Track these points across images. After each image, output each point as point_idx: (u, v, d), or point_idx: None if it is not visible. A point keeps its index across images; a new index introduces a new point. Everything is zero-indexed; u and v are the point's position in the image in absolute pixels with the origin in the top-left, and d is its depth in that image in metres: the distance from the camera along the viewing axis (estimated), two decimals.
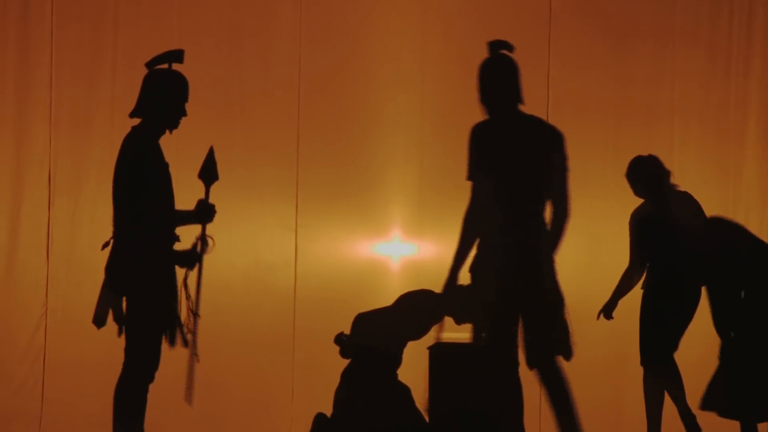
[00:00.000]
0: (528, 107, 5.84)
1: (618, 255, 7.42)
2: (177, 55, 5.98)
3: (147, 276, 5.82)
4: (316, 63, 8.37)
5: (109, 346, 8.19)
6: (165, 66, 5.98)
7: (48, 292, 8.28)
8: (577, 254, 7.71)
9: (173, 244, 5.92)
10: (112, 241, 5.88)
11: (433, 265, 6.53)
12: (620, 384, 8.16)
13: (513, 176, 5.78)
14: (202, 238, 6.01)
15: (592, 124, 8.40)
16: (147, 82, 5.98)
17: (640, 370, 7.15)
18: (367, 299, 6.85)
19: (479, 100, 5.87)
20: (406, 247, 8.32)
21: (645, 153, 7.28)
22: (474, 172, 5.86)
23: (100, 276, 8.34)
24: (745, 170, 8.46)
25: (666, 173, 7.13)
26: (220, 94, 8.18)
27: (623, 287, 7.18)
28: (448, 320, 6.29)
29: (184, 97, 5.97)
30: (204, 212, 5.99)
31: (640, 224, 7.12)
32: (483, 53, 5.87)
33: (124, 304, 5.86)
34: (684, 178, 7.24)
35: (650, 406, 7.12)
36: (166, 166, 5.94)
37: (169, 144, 6.01)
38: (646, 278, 7.15)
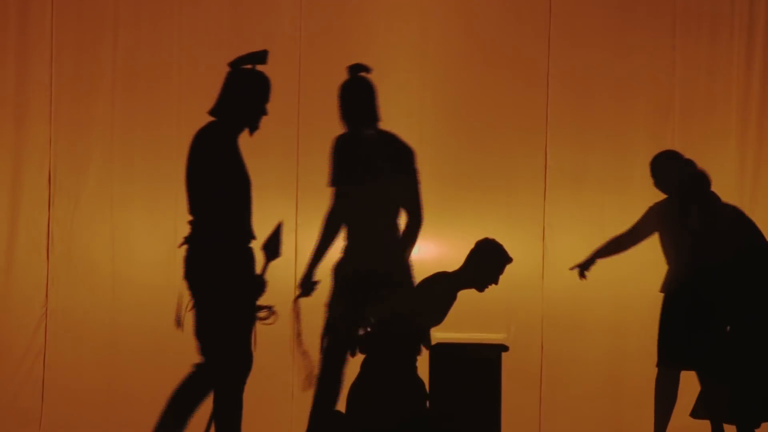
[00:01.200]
0: (528, 106, 5.84)
1: None
2: (261, 57, 5.99)
3: (223, 275, 5.81)
4: (316, 63, 8.36)
5: (109, 346, 8.22)
6: (249, 66, 5.99)
7: (48, 292, 8.28)
8: (578, 251, 7.69)
9: (249, 241, 5.90)
10: (188, 238, 5.86)
11: (433, 265, 6.52)
12: (621, 383, 8.15)
13: (367, 187, 6.20)
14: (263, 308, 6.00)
15: (592, 123, 8.40)
16: (230, 81, 5.98)
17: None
18: None
19: (340, 117, 6.32)
20: None
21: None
22: (334, 180, 6.34)
23: (100, 276, 8.33)
24: (746, 168, 8.45)
25: (713, 196, 7.03)
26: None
27: (606, 250, 7.10)
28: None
29: (266, 97, 6.00)
30: (257, 286, 5.95)
31: (657, 218, 7.02)
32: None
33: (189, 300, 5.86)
34: None
35: (659, 408, 6.99)
36: (243, 163, 5.94)
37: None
38: (666, 280, 7.02)
